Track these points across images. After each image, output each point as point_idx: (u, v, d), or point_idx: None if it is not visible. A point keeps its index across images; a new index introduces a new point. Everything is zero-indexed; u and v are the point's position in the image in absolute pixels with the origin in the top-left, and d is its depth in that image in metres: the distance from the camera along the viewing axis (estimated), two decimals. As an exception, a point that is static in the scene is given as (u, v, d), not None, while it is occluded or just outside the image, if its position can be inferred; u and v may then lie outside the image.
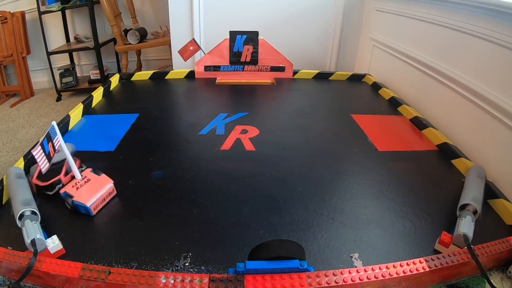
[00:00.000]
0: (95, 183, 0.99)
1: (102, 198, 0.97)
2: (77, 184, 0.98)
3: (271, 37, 2.01)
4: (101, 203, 0.97)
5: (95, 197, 0.94)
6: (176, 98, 1.91)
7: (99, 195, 0.96)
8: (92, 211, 0.93)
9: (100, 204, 0.97)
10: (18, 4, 2.67)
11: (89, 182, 1.00)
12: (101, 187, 0.98)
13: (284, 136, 1.39)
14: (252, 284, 0.65)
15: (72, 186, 0.97)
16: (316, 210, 0.96)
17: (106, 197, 0.99)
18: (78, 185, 0.98)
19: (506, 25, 1.11)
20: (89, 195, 0.95)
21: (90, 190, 0.96)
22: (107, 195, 0.99)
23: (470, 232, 0.80)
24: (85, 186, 0.98)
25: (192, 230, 0.88)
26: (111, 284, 0.67)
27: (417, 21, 1.69)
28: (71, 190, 0.96)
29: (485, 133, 1.22)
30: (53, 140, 0.91)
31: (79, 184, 0.98)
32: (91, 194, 0.95)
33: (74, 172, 0.99)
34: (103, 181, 1.00)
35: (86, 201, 0.92)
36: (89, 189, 0.97)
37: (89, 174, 1.03)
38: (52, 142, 0.91)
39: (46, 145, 0.89)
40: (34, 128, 2.18)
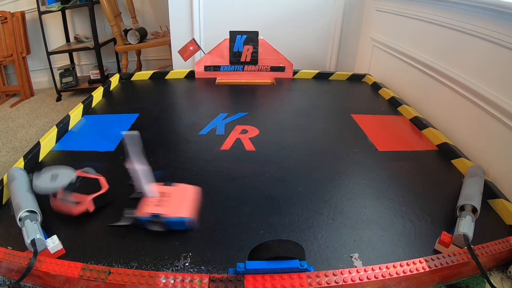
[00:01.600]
0: (179, 193, 0.91)
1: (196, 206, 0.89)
2: (157, 201, 0.88)
3: (271, 37, 2.01)
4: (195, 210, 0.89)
5: (189, 207, 0.88)
6: (176, 98, 1.91)
7: (192, 203, 0.89)
8: (193, 224, 0.85)
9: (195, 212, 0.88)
10: (18, 4, 2.67)
11: (170, 194, 0.90)
12: (189, 194, 0.92)
13: (284, 136, 1.39)
14: (252, 284, 0.65)
15: (150, 205, 0.86)
16: (316, 210, 0.96)
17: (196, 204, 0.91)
18: (159, 202, 0.88)
19: (506, 25, 1.11)
20: (183, 206, 0.87)
21: (179, 200, 0.88)
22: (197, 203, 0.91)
23: (470, 232, 0.80)
24: (170, 199, 0.89)
25: (192, 230, 0.88)
26: (111, 284, 0.67)
27: (417, 21, 1.69)
28: (156, 209, 0.84)
29: (485, 133, 1.22)
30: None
31: (159, 201, 0.88)
32: (183, 204, 0.88)
33: (146, 191, 0.89)
34: (185, 189, 0.93)
35: (184, 214, 0.84)
36: (177, 200, 0.88)
37: (162, 187, 0.93)
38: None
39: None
40: (34, 128, 2.18)
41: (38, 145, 1.22)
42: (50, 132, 1.32)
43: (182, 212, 0.86)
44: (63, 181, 0.91)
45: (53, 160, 1.22)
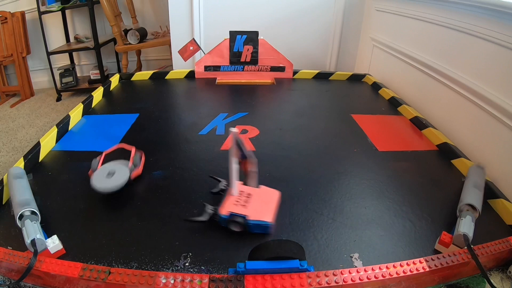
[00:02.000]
0: (260, 195, 0.89)
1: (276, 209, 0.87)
2: (240, 201, 0.86)
3: (271, 37, 2.01)
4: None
5: (272, 211, 0.85)
6: (176, 98, 1.91)
7: (274, 207, 0.87)
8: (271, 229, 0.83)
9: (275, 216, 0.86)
10: (18, 4, 2.67)
11: (250, 195, 0.89)
12: (272, 197, 0.89)
13: (284, 136, 1.39)
14: (252, 284, 0.65)
15: (234, 204, 0.85)
16: (316, 210, 0.96)
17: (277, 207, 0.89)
18: (242, 202, 0.86)
19: (506, 25, 1.11)
20: (266, 210, 0.85)
21: (261, 203, 0.86)
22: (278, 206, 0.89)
23: (470, 232, 0.80)
24: (251, 200, 0.87)
25: (192, 230, 0.88)
26: (111, 284, 0.67)
27: (417, 21, 1.69)
28: (242, 210, 0.84)
29: (485, 133, 1.22)
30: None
31: (242, 201, 0.86)
32: (266, 207, 0.85)
33: (233, 189, 0.89)
34: (267, 192, 0.90)
35: (267, 217, 0.83)
36: (260, 202, 0.87)
37: (242, 187, 0.92)
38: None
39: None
40: (34, 128, 2.18)
41: (38, 145, 1.22)
42: (50, 132, 1.32)
43: (265, 216, 0.84)
44: (120, 179, 0.98)
45: (53, 160, 1.22)
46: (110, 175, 0.99)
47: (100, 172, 1.01)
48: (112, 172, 1.00)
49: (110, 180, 0.97)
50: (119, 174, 1.00)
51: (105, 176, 0.99)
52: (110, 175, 0.99)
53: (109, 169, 1.01)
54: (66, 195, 1.02)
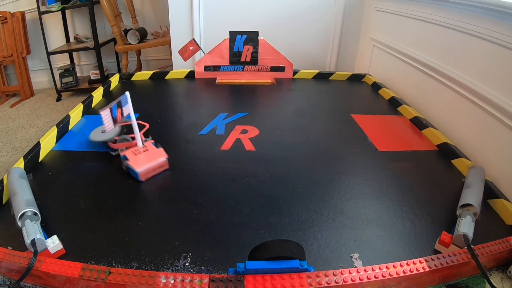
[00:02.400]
0: (151, 154, 1.12)
1: (153, 169, 1.09)
2: (136, 151, 1.12)
3: (271, 37, 2.01)
4: (151, 173, 1.09)
5: (146, 166, 1.07)
6: (176, 98, 1.91)
7: (151, 165, 1.08)
8: (141, 177, 1.06)
9: (150, 173, 1.09)
10: (18, 4, 2.67)
11: (147, 151, 1.13)
12: (155, 159, 1.10)
13: (284, 136, 1.39)
14: (252, 284, 0.65)
15: (132, 151, 1.12)
16: (316, 210, 0.96)
17: (157, 169, 1.10)
18: (137, 152, 1.12)
19: (506, 25, 1.11)
20: (142, 163, 1.07)
21: (145, 158, 1.09)
22: (159, 167, 1.11)
23: (470, 232, 0.80)
24: (142, 154, 1.11)
25: (192, 230, 0.88)
26: (111, 284, 0.67)
27: (417, 21, 1.69)
28: (129, 155, 1.10)
29: (485, 133, 1.22)
30: (122, 107, 1.05)
31: (137, 152, 1.12)
32: (144, 162, 1.08)
33: (137, 141, 1.14)
34: (158, 154, 1.13)
35: (138, 167, 1.05)
36: (145, 157, 1.10)
37: (150, 145, 1.17)
38: (121, 109, 1.05)
39: (115, 110, 1.03)
40: (34, 128, 2.18)
41: (38, 145, 1.22)
42: (50, 132, 1.32)
43: (139, 167, 1.06)
44: (113, 132, 1.19)
45: (53, 160, 1.22)
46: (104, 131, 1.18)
47: (96, 131, 1.27)
48: (104, 130, 1.15)
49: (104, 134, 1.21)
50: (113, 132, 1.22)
51: (100, 132, 1.24)
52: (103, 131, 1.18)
53: (100, 129, 1.24)
54: (66, 195, 1.02)
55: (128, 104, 1.07)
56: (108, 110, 1.00)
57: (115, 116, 1.03)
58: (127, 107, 1.07)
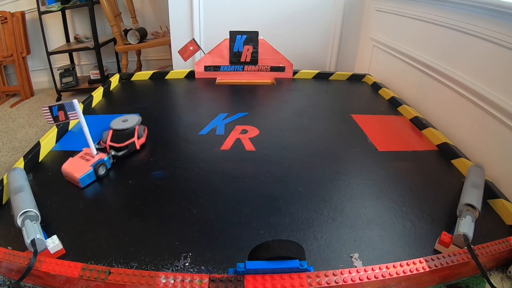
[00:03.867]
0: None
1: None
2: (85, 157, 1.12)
3: (271, 37, 2.01)
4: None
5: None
6: (176, 98, 1.91)
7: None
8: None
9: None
10: (18, 4, 2.67)
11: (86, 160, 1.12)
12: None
13: (284, 136, 1.39)
14: (252, 284, 0.65)
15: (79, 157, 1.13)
16: (316, 210, 0.96)
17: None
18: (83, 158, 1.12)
19: (506, 25, 1.11)
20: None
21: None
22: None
23: (470, 232, 0.80)
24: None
25: (192, 230, 0.88)
26: (111, 284, 0.67)
27: (417, 21, 1.69)
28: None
29: (485, 133, 1.22)
30: (66, 111, 1.04)
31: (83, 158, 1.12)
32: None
33: (91, 148, 1.13)
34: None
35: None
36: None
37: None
38: (64, 112, 1.04)
39: (55, 111, 1.03)
40: (34, 128, 2.18)
41: (38, 145, 1.22)
42: (50, 132, 1.32)
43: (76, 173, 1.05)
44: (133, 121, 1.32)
45: (53, 160, 1.22)
46: (125, 121, 1.32)
47: (117, 120, 1.33)
48: (125, 119, 1.33)
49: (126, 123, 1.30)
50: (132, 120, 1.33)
51: (122, 122, 1.31)
52: (125, 121, 1.32)
53: (122, 118, 1.34)
54: (66, 195, 1.02)
55: (76, 111, 1.04)
56: (47, 109, 1.01)
57: (56, 115, 1.03)
58: (74, 114, 1.04)
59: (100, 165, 1.09)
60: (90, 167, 1.06)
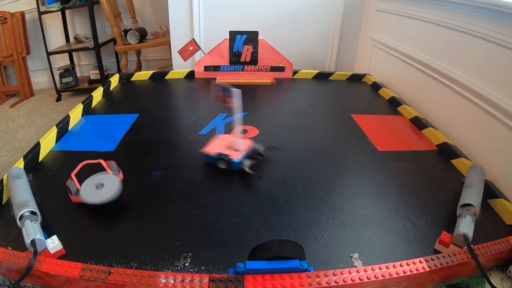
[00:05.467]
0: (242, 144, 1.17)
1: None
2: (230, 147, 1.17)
3: (271, 37, 2.01)
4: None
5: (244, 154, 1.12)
6: (176, 98, 1.91)
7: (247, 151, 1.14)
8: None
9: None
10: (18, 4, 2.67)
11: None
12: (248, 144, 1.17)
13: (284, 136, 1.39)
14: (252, 284, 0.65)
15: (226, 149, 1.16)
16: (316, 210, 0.96)
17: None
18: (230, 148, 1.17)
19: (506, 25, 1.11)
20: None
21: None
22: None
23: (470, 232, 0.80)
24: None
25: (192, 230, 0.88)
26: (111, 284, 0.67)
27: (417, 21, 1.69)
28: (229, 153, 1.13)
29: (485, 133, 1.22)
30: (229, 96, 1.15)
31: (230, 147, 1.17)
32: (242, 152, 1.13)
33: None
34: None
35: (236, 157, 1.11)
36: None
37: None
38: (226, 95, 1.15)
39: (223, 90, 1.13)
40: (34, 128, 2.18)
41: (38, 145, 1.22)
42: (50, 132, 1.32)
43: (239, 157, 1.11)
44: (114, 187, 0.94)
45: (53, 160, 1.22)
46: (100, 187, 0.93)
47: (87, 186, 0.93)
48: (100, 183, 0.94)
49: (103, 191, 0.92)
50: (109, 183, 0.94)
51: (95, 189, 0.93)
52: (99, 187, 0.93)
53: (95, 182, 0.94)
54: (66, 195, 1.01)
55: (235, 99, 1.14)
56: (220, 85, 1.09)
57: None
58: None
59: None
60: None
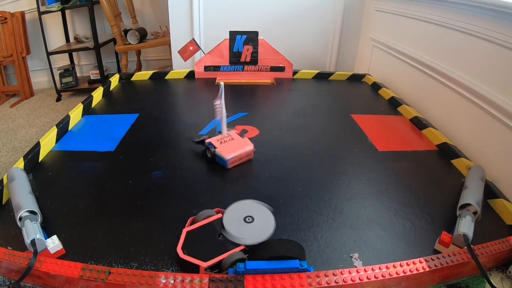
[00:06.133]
0: (237, 143, 1.15)
1: (240, 157, 1.13)
2: (222, 139, 1.16)
3: (271, 37, 2.01)
4: (238, 161, 1.13)
5: (234, 154, 1.11)
6: (176, 98, 1.91)
7: (238, 153, 1.12)
8: (228, 165, 1.10)
9: (237, 162, 1.13)
10: (18, 4, 2.67)
11: (232, 140, 1.16)
12: (242, 147, 1.14)
13: (284, 136, 1.39)
14: (252, 284, 0.65)
15: (217, 140, 1.16)
16: (316, 210, 0.96)
17: (243, 157, 1.14)
18: (222, 140, 1.16)
19: (506, 25, 1.11)
20: (230, 151, 1.11)
21: (231, 147, 1.13)
22: (245, 155, 1.14)
23: (470, 232, 0.80)
24: (228, 143, 1.15)
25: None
26: (111, 284, 0.67)
27: (417, 21, 1.69)
28: (215, 143, 1.14)
29: (485, 133, 1.22)
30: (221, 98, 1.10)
31: (223, 140, 1.16)
32: (231, 150, 1.11)
33: (223, 129, 1.18)
34: (244, 143, 1.16)
35: (226, 155, 1.09)
36: (231, 146, 1.14)
37: (234, 134, 1.20)
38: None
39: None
40: (34, 128, 2.18)
41: (38, 145, 1.22)
42: (50, 132, 1.32)
43: (227, 154, 1.10)
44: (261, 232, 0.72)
45: (53, 160, 1.22)
46: (249, 221, 0.75)
47: (234, 213, 0.77)
48: (250, 216, 0.75)
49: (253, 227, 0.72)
50: (263, 222, 0.73)
51: (242, 220, 0.75)
52: (248, 220, 0.75)
53: (244, 213, 0.76)
54: (66, 195, 1.02)
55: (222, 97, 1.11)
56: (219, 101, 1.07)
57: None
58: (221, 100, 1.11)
59: None
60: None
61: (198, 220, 0.80)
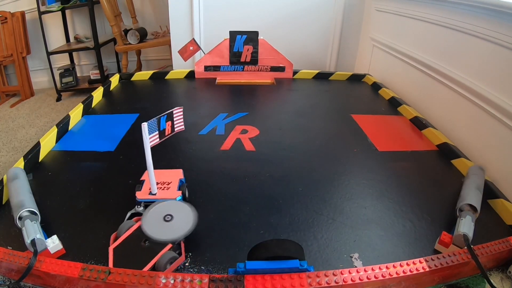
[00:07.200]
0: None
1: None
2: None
3: (271, 37, 2.01)
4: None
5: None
6: (176, 98, 1.91)
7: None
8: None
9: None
10: (18, 4, 2.67)
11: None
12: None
13: (284, 136, 1.39)
14: (252, 284, 0.65)
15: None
16: (316, 210, 0.96)
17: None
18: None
19: (506, 25, 1.11)
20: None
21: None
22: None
23: (470, 232, 0.80)
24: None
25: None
26: (111, 284, 0.67)
27: (417, 21, 1.69)
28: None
29: (485, 133, 1.22)
30: (174, 120, 0.92)
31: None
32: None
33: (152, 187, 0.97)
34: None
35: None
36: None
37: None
38: (172, 122, 0.92)
39: (163, 122, 0.90)
40: (34, 128, 2.18)
41: (38, 145, 1.22)
42: (50, 132, 1.32)
43: (175, 195, 0.93)
44: (183, 226, 0.76)
45: (53, 160, 1.22)
46: (168, 219, 0.78)
47: (152, 216, 0.79)
48: (169, 215, 0.78)
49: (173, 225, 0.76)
50: (183, 217, 0.78)
51: (162, 221, 0.77)
52: (167, 219, 0.78)
53: (162, 214, 0.79)
54: (66, 195, 1.02)
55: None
56: (155, 120, 0.89)
57: (163, 128, 0.90)
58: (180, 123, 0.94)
59: None
60: None
61: (120, 234, 0.79)
